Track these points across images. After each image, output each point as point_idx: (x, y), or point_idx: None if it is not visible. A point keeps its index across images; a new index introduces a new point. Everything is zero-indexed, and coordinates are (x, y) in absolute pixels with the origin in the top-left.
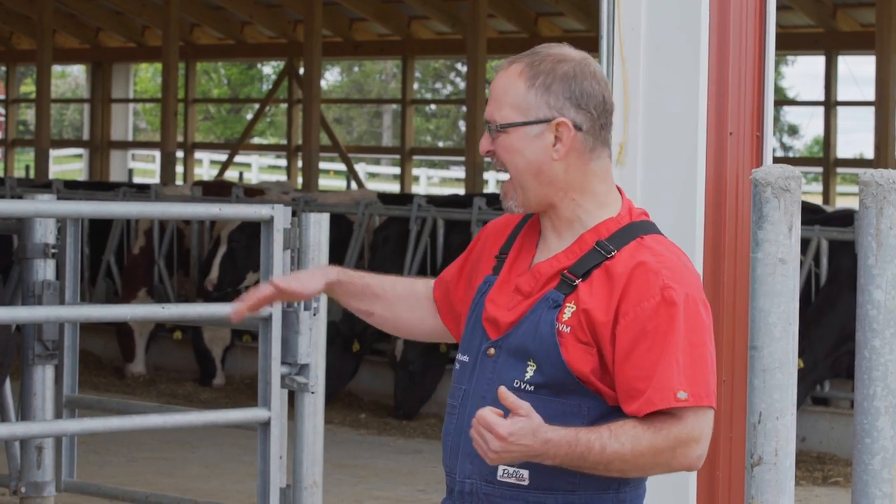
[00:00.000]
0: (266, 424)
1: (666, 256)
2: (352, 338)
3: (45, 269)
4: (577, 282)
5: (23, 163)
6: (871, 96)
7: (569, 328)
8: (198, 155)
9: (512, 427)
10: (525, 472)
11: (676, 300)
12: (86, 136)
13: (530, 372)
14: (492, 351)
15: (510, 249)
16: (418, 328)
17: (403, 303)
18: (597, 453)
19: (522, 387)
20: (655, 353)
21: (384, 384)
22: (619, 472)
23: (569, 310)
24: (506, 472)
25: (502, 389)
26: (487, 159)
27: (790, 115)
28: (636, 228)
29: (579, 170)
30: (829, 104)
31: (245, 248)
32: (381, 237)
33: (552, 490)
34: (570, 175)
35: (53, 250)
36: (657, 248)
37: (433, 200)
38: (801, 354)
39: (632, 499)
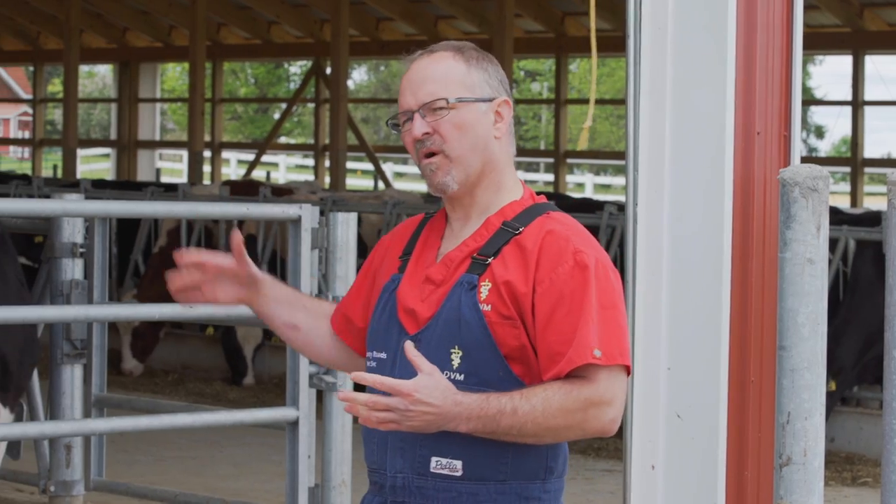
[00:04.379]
0: (294, 424)
1: (572, 225)
2: None
3: (73, 269)
4: (488, 261)
5: (50, 162)
6: None
7: (489, 306)
8: (225, 154)
9: (417, 383)
10: (458, 463)
11: (588, 263)
12: (113, 135)
13: (456, 360)
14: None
15: (414, 248)
16: (328, 353)
17: (326, 322)
18: (509, 415)
19: (452, 377)
20: (574, 316)
21: None
22: (533, 437)
23: (485, 288)
24: (439, 463)
25: (408, 344)
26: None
27: (817, 114)
28: (540, 207)
29: (505, 151)
30: (857, 104)
31: None
32: None
33: (484, 480)
34: (500, 155)
35: (81, 249)
36: (563, 219)
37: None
38: (832, 375)
39: (557, 489)
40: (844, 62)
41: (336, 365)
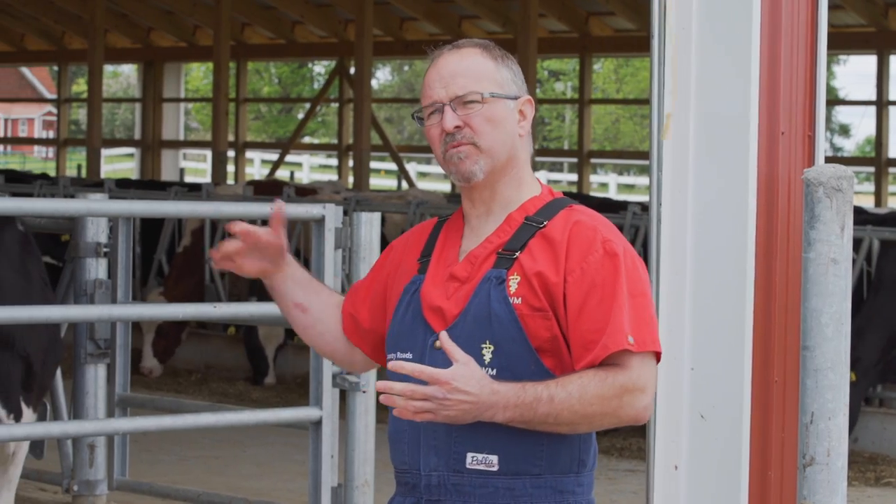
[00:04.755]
0: (317, 423)
1: (597, 216)
2: None
3: (97, 268)
4: (515, 255)
5: (75, 162)
6: None
7: (520, 299)
8: (249, 154)
9: (454, 372)
10: (494, 458)
11: (617, 251)
12: (137, 135)
13: (488, 355)
14: (439, 343)
15: (433, 250)
16: (331, 345)
17: (335, 311)
18: (546, 403)
19: (485, 371)
20: (607, 304)
21: None
22: (568, 425)
23: (514, 282)
24: (475, 458)
25: (443, 334)
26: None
27: (842, 114)
28: (561, 202)
29: (525, 149)
30: (881, 104)
31: None
32: None
33: (520, 474)
34: (522, 152)
35: (105, 249)
36: (588, 211)
37: None
38: (851, 367)
39: (589, 482)
40: (869, 62)
41: (334, 355)
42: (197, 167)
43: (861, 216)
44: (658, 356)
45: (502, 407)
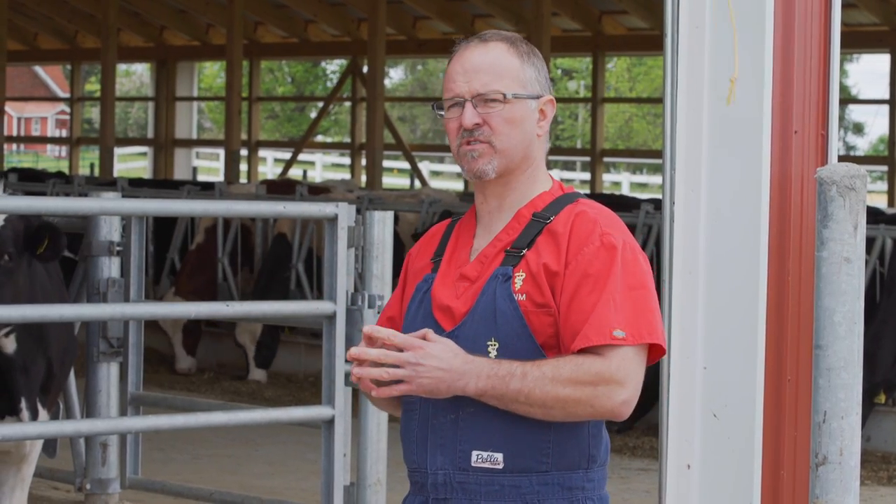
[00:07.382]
0: (330, 422)
1: (603, 210)
2: None
3: (109, 267)
4: (522, 252)
5: (87, 161)
6: None
7: (524, 295)
8: (262, 153)
9: (427, 341)
10: (499, 456)
11: (616, 244)
12: (150, 134)
13: (493, 352)
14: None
15: (445, 250)
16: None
17: None
18: (518, 378)
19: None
20: (595, 295)
21: None
22: (541, 406)
23: (519, 279)
24: (480, 456)
25: (427, 331)
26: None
27: (856, 112)
28: (570, 196)
29: (542, 147)
30: (894, 102)
31: None
32: None
33: (526, 472)
34: (538, 151)
35: (118, 248)
36: (592, 205)
37: None
38: (883, 389)
39: (600, 478)
40: (882, 60)
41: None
42: (210, 166)
43: (874, 216)
44: (661, 349)
45: (475, 375)
